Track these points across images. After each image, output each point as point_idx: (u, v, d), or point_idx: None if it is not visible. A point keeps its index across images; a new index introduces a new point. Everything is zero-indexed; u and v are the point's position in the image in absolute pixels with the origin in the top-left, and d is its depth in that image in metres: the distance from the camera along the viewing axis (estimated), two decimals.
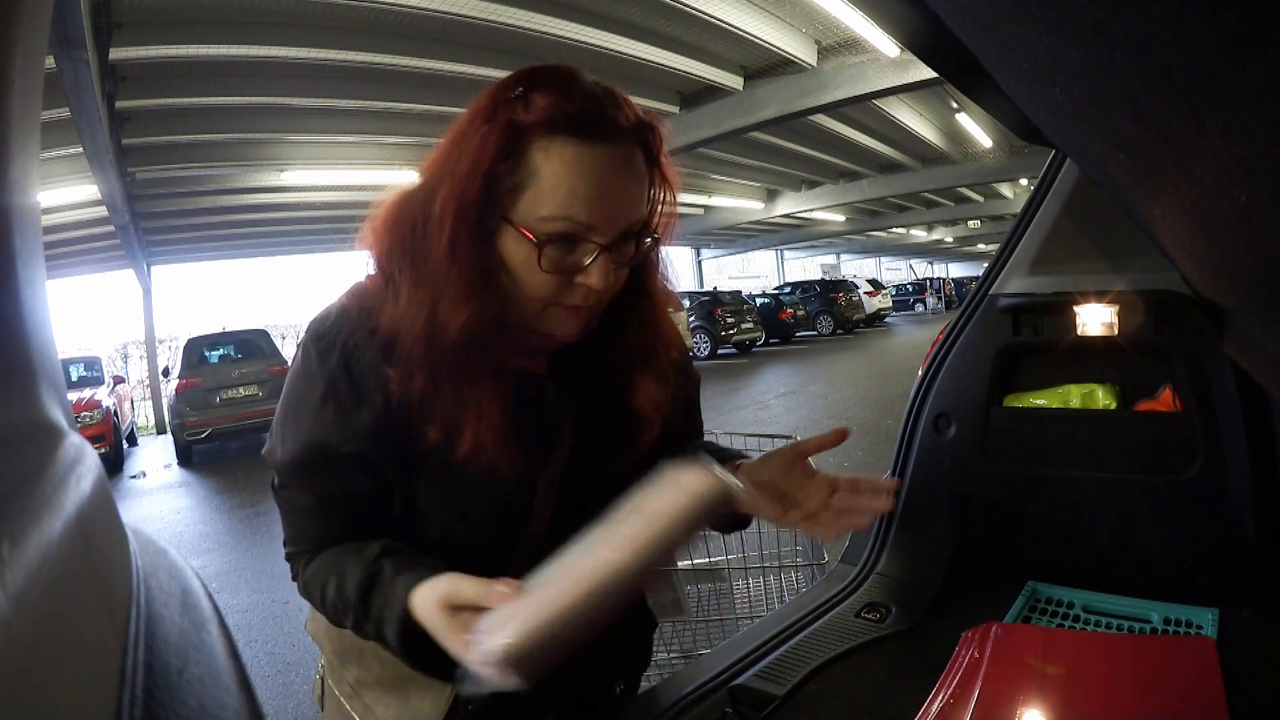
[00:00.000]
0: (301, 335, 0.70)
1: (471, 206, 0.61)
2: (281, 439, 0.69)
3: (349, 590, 0.65)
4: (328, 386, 0.66)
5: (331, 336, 0.66)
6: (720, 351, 14.25)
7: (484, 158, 0.60)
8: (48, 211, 7.92)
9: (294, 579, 0.73)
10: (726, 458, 0.83)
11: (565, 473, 0.73)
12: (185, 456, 7.87)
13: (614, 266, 0.64)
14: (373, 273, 0.69)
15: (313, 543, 0.71)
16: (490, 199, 0.62)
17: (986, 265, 1.55)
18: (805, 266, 29.84)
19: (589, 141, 0.60)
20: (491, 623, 0.53)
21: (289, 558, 0.74)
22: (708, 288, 17.20)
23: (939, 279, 30.21)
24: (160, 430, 11.10)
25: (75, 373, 8.70)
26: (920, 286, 27.48)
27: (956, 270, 38.08)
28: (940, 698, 0.99)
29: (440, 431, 0.65)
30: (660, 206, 0.67)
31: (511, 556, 0.72)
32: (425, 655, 0.61)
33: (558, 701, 0.80)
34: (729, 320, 14.14)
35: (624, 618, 0.67)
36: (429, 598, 0.59)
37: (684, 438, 0.88)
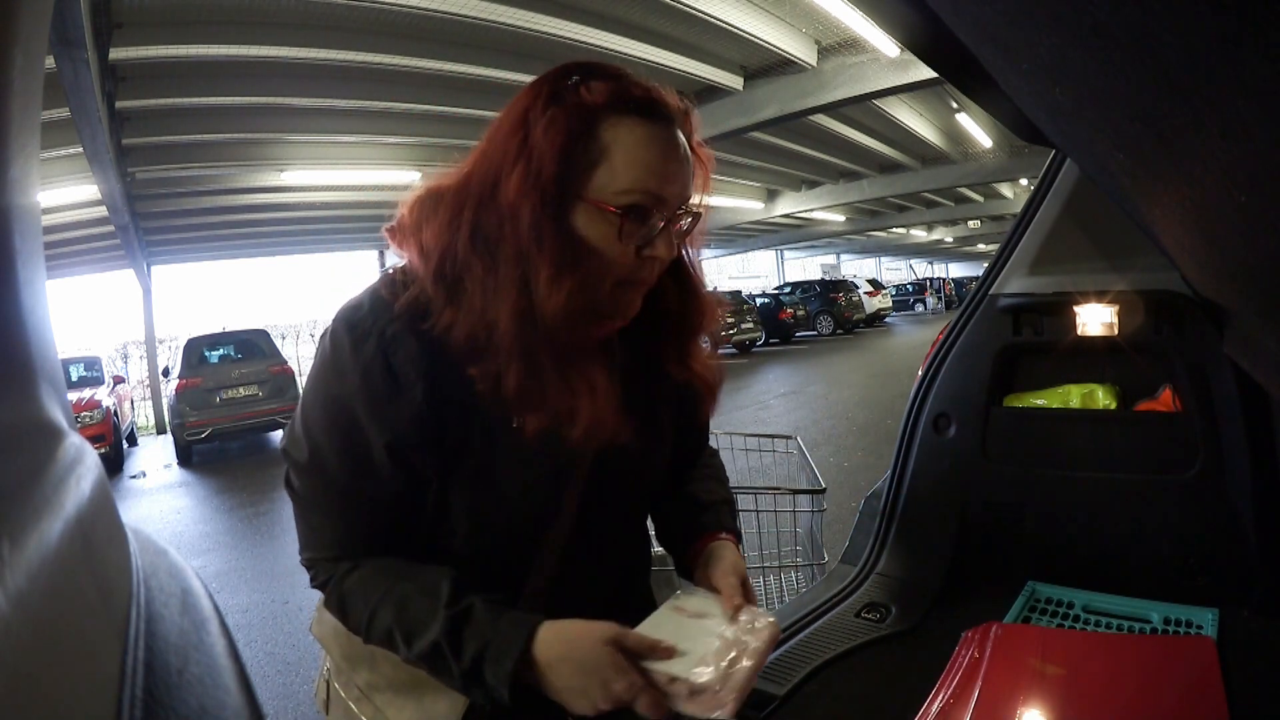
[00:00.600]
0: (330, 324, 0.67)
1: (550, 184, 0.62)
2: (306, 432, 0.66)
3: (423, 626, 0.63)
4: (363, 378, 0.64)
5: (367, 326, 0.64)
6: (720, 351, 14.21)
7: (556, 137, 0.62)
8: (48, 211, 7.92)
9: (315, 586, 0.70)
10: (709, 524, 0.82)
11: (591, 470, 0.73)
12: (185, 456, 7.86)
13: (676, 239, 0.68)
14: (404, 265, 0.67)
15: (334, 548, 0.69)
16: (565, 178, 0.63)
17: (986, 265, 1.55)
18: (805, 266, 29.82)
19: (652, 121, 0.64)
20: (685, 666, 0.61)
21: (308, 563, 0.70)
22: (707, 288, 17.16)
23: (939, 279, 30.17)
24: (160, 430, 11.09)
25: (75, 373, 8.68)
26: (920, 286, 27.44)
27: (956, 270, 38.05)
28: (940, 698, 0.99)
29: (548, 417, 0.64)
30: (697, 185, 0.70)
31: (532, 563, 0.71)
32: (528, 695, 0.62)
33: None
34: (729, 320, 14.11)
35: (637, 619, 0.68)
36: (588, 635, 0.62)
37: (695, 447, 0.90)
